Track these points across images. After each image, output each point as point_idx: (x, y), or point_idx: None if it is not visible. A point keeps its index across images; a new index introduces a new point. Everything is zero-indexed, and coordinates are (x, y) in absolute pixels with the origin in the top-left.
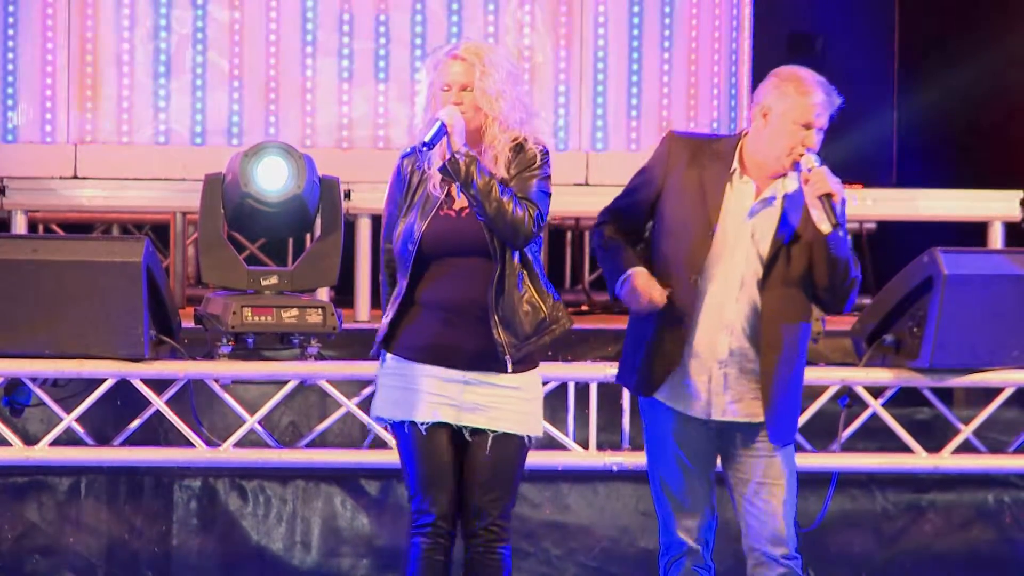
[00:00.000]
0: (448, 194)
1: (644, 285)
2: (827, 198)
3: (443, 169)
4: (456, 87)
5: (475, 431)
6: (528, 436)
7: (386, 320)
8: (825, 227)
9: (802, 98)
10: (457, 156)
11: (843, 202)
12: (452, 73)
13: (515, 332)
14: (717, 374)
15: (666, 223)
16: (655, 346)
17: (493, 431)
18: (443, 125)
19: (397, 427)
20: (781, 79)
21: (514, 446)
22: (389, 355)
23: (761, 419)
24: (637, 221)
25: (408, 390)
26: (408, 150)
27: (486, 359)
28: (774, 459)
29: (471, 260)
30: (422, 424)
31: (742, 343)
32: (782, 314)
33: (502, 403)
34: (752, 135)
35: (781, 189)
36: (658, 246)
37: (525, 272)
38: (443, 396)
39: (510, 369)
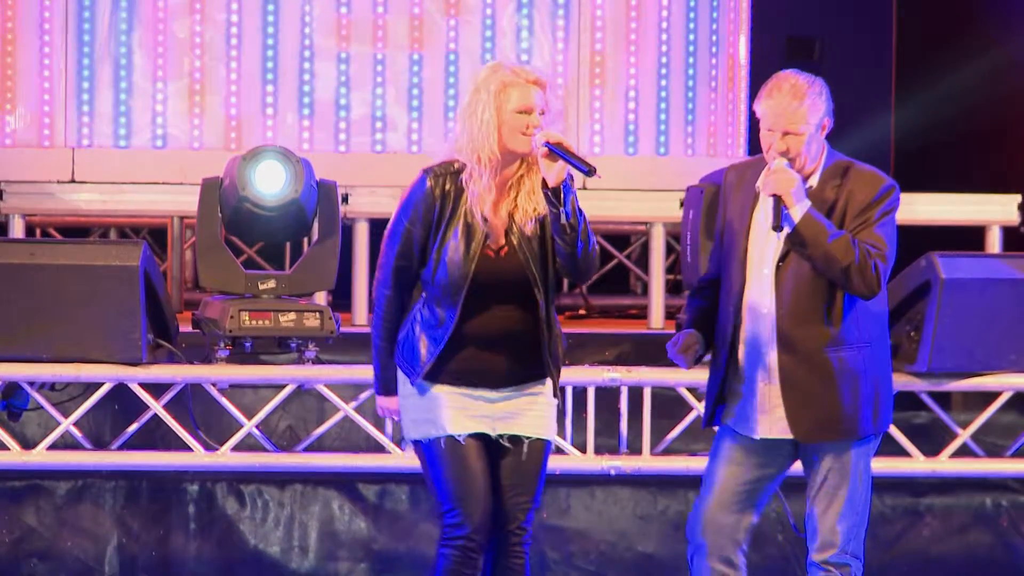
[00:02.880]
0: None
1: (679, 352)
2: (777, 200)
3: (554, 191)
4: (537, 110)
5: (511, 437)
6: (552, 441)
7: (431, 351)
8: (776, 230)
9: (761, 108)
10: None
11: (802, 196)
12: (534, 97)
13: (557, 364)
14: (763, 394)
15: (724, 256)
16: (717, 380)
17: (528, 437)
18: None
19: (428, 445)
20: (763, 87)
21: (543, 450)
22: (403, 374)
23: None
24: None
25: (437, 408)
26: (428, 169)
27: (518, 379)
28: (833, 468)
29: (510, 294)
30: (460, 436)
31: (779, 360)
32: (797, 314)
33: (529, 409)
34: None
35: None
36: (721, 278)
37: (553, 303)
38: (475, 409)
39: (554, 395)
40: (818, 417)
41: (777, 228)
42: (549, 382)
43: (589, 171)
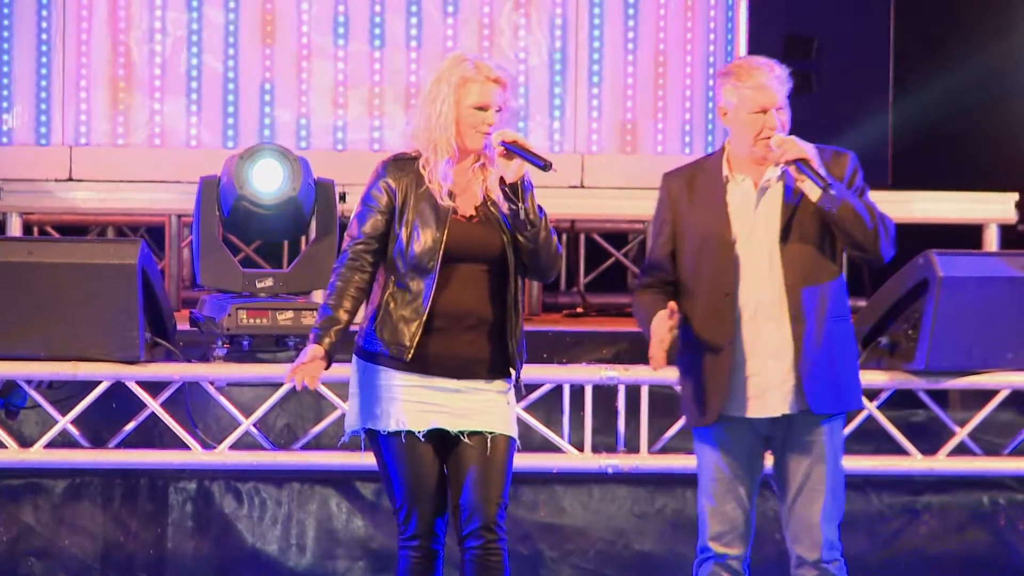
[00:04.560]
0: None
1: (653, 344)
2: (803, 163)
3: (512, 187)
4: (494, 107)
5: (472, 433)
6: (515, 438)
7: (412, 331)
8: (814, 194)
9: (747, 89)
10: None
11: (820, 162)
12: (493, 94)
13: (520, 348)
14: (772, 370)
15: (690, 255)
16: (707, 374)
17: (490, 432)
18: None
19: (385, 438)
20: (725, 76)
21: (507, 447)
22: (363, 362)
23: (806, 407)
24: (668, 266)
25: (394, 400)
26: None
27: (482, 368)
28: (818, 464)
29: (478, 268)
30: (419, 432)
31: (785, 333)
32: (804, 281)
33: (491, 406)
34: (730, 137)
35: (775, 170)
36: (689, 277)
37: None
38: (436, 404)
39: (515, 382)
40: (832, 386)
41: (827, 186)
42: (511, 387)
43: (545, 166)
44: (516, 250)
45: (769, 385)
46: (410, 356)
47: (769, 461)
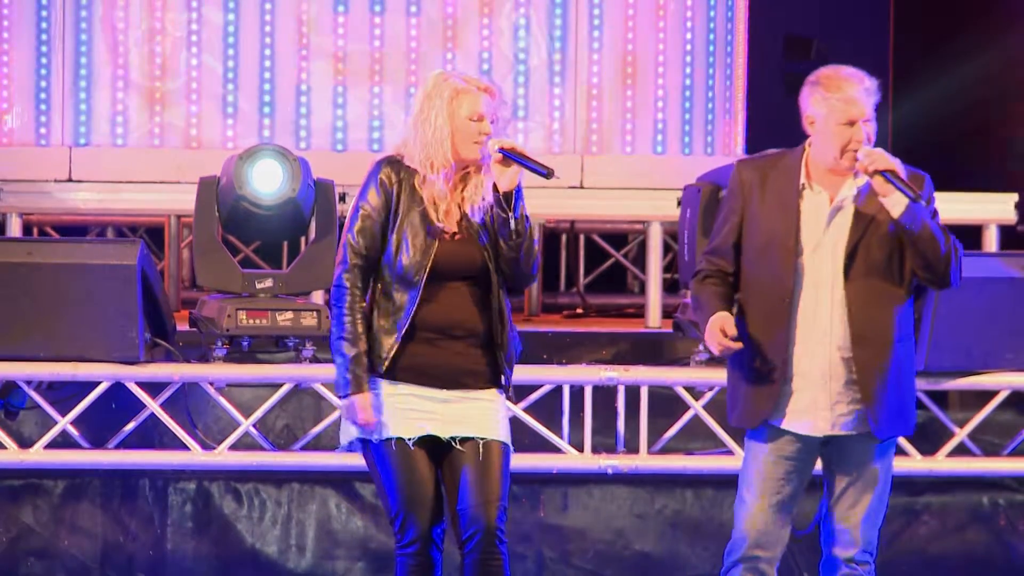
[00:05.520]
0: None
1: (714, 335)
2: (892, 174)
3: (506, 196)
4: (488, 117)
5: (464, 440)
6: (508, 444)
7: (389, 344)
8: (898, 208)
9: (836, 101)
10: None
11: (907, 175)
12: (484, 104)
13: (509, 360)
14: (824, 389)
15: (752, 251)
16: (757, 376)
17: (483, 437)
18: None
19: (377, 446)
20: (814, 85)
21: (501, 451)
22: None
23: (867, 430)
24: (731, 257)
25: (385, 408)
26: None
27: (472, 379)
28: (871, 466)
29: (462, 283)
30: (410, 440)
31: (844, 354)
32: (868, 306)
33: (482, 414)
34: (812, 145)
35: (852, 188)
36: (748, 274)
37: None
38: (427, 411)
39: (506, 391)
40: (893, 410)
41: (918, 198)
42: (502, 395)
43: (548, 174)
44: (497, 261)
45: (820, 405)
46: (384, 368)
47: (818, 464)
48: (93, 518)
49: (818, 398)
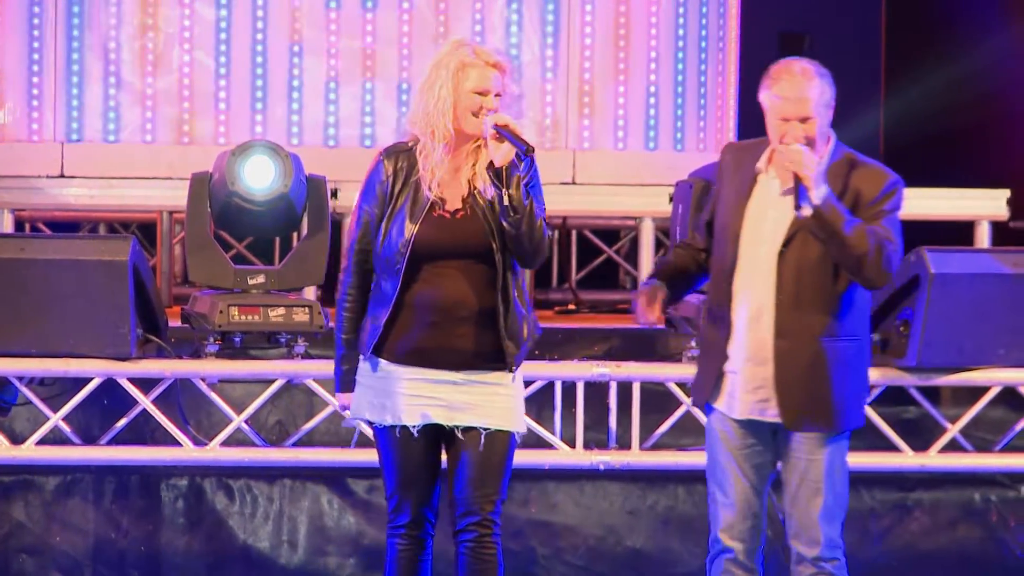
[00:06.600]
0: (440, 196)
1: (636, 303)
2: (796, 180)
3: (498, 172)
4: (493, 92)
5: (467, 429)
6: (517, 432)
7: (374, 326)
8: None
9: (773, 96)
10: (518, 162)
11: (822, 181)
12: (492, 79)
13: (516, 340)
14: (748, 374)
15: (716, 233)
16: (705, 357)
17: (486, 428)
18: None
19: (381, 430)
20: (764, 77)
21: (505, 442)
22: (368, 353)
23: (779, 421)
24: (703, 234)
25: (394, 393)
26: (384, 150)
27: (480, 360)
28: (815, 460)
29: (466, 262)
30: (414, 427)
31: (768, 343)
32: (797, 298)
33: (491, 400)
34: None
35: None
36: (712, 255)
37: (517, 279)
38: (434, 398)
39: (514, 375)
40: (809, 406)
41: (797, 208)
42: (512, 374)
43: (527, 150)
44: (503, 239)
45: (744, 388)
46: (383, 351)
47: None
48: (85, 514)
49: (741, 382)
